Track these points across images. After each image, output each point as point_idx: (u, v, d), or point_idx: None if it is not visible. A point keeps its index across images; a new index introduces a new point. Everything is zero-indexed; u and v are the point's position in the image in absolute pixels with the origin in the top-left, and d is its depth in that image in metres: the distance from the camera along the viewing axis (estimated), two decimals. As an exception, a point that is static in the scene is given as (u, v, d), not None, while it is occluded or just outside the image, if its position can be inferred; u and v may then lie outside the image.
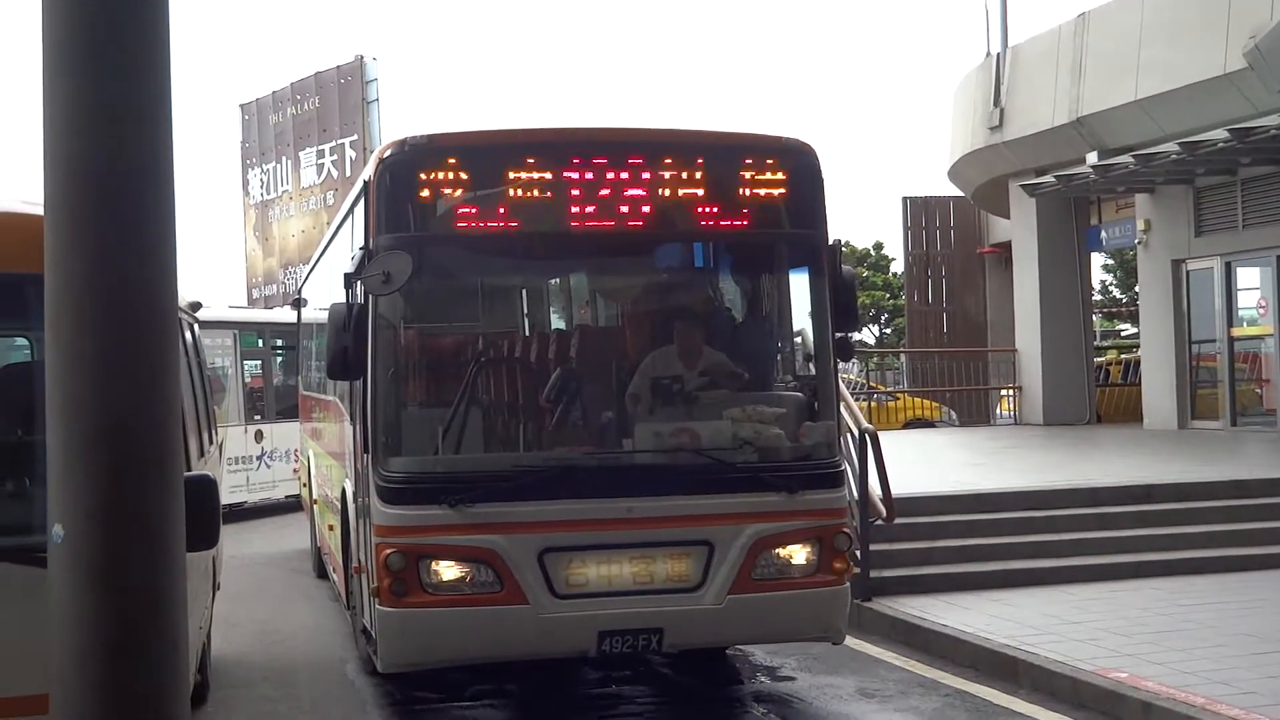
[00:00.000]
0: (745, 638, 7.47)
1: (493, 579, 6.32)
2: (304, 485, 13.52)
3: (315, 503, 11.74)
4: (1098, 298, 39.58)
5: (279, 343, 18.36)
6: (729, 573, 6.51)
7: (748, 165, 6.85)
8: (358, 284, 6.51)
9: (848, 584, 6.94)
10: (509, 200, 6.58)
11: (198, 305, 8.58)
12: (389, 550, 6.31)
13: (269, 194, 31.11)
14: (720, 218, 6.91)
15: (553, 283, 8.80)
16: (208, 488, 3.65)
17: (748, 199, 6.87)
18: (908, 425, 22.27)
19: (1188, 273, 18.99)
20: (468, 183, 6.55)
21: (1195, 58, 16.01)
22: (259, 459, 17.62)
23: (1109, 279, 46.28)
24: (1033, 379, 21.23)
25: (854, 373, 28.70)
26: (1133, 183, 18.65)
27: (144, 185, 2.80)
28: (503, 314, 8.55)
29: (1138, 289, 24.20)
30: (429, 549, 6.33)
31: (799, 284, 7.16)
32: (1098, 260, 36.93)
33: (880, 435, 9.60)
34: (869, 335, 49.09)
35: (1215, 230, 18.38)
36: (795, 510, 6.62)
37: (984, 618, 8.63)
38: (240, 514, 16.68)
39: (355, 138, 27.83)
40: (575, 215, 6.65)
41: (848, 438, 9.41)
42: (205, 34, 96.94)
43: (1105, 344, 35.24)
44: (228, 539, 8.39)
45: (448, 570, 6.35)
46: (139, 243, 2.80)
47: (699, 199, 6.81)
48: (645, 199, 6.69)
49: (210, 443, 8.05)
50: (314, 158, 29.25)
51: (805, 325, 7.21)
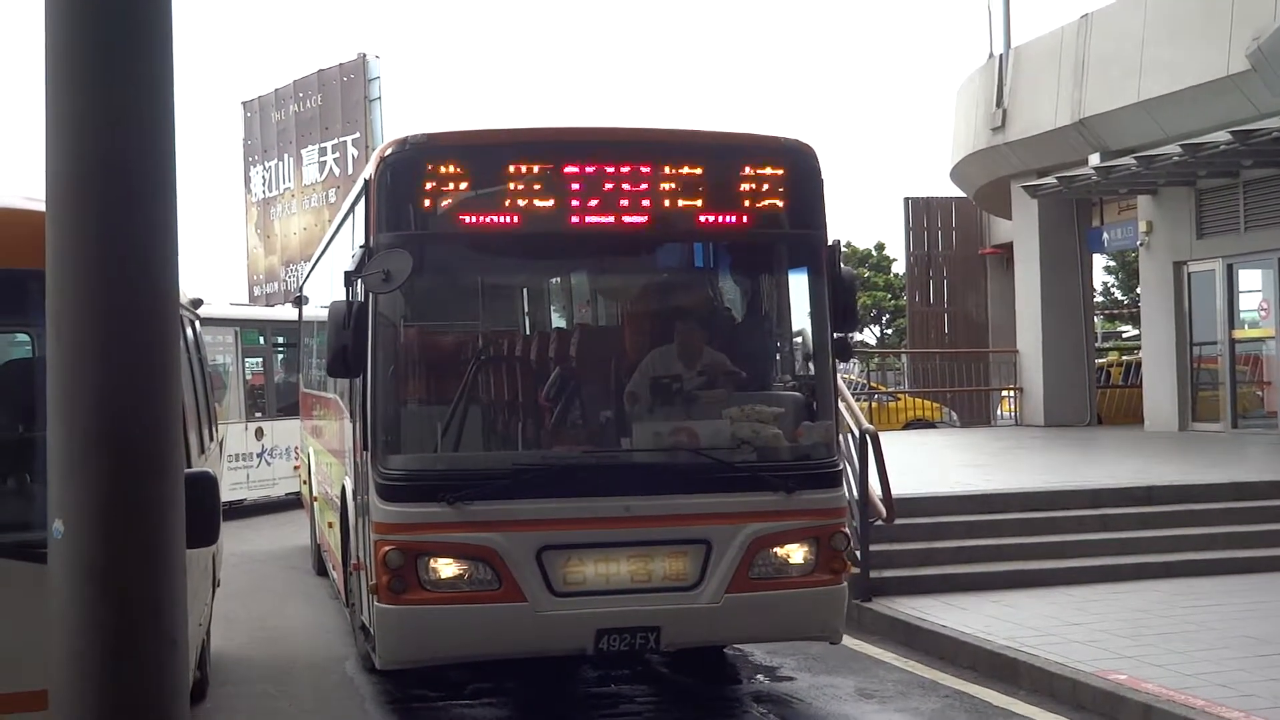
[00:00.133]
0: (742, 637, 7.47)
1: (491, 577, 6.34)
2: (304, 483, 13.53)
3: (315, 500, 11.75)
4: (1099, 299, 39.62)
5: (280, 340, 18.42)
6: (726, 572, 6.52)
7: (748, 165, 6.85)
8: (358, 282, 6.52)
9: (845, 584, 6.95)
10: (509, 199, 6.58)
11: (199, 302, 8.60)
12: (388, 547, 6.33)
13: (271, 191, 31.06)
14: (720, 217, 6.90)
15: (552, 282, 8.80)
16: (208, 485, 3.64)
17: (748, 199, 6.87)
18: (908, 426, 22.30)
19: (1189, 275, 18.97)
20: (468, 182, 6.56)
21: (1198, 59, 15.99)
22: (259, 456, 17.64)
23: (1110, 280, 46.28)
24: (1034, 380, 21.22)
25: (855, 373, 28.72)
26: (1135, 184, 18.64)
27: (146, 182, 2.81)
28: (502, 313, 8.55)
29: (1139, 290, 24.18)
30: (428, 546, 6.34)
31: (798, 284, 7.17)
32: (1099, 262, 36.91)
33: (881, 435, 9.60)
34: (870, 336, 49.08)
35: (1217, 232, 18.36)
36: (793, 510, 6.63)
37: (984, 619, 8.64)
38: (240, 511, 16.70)
39: (357, 135, 27.78)
40: (575, 215, 6.65)
41: (848, 438, 9.42)
42: (208, 31, 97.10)
43: (1106, 345, 35.27)
44: (228, 536, 8.39)
45: (446, 568, 6.36)
46: (140, 239, 2.80)
47: (699, 199, 6.80)
48: (645, 198, 6.69)
49: (211, 440, 8.06)
50: (316, 155, 29.19)
51: (804, 325, 7.22)
